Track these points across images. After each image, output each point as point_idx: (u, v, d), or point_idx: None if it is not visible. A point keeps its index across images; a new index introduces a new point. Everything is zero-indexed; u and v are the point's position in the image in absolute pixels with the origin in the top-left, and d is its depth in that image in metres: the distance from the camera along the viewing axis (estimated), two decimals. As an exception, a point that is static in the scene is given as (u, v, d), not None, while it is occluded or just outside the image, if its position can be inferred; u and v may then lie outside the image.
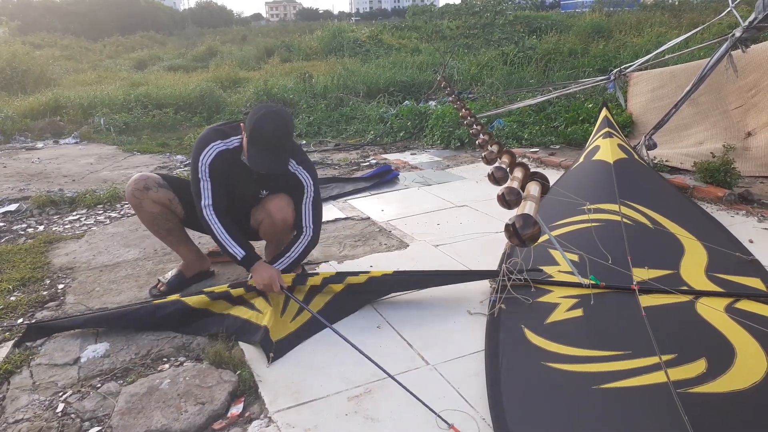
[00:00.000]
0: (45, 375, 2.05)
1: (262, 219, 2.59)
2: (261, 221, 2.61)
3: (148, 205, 2.56)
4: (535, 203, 1.88)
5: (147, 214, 2.60)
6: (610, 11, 16.05)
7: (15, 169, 5.57)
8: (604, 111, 4.27)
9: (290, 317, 2.34)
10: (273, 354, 2.08)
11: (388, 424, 1.71)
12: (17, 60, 11.21)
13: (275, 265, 2.45)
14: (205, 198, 2.40)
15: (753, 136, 4.37)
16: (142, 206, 2.57)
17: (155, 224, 2.64)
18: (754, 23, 3.98)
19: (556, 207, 3.04)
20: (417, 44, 14.29)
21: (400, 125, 6.82)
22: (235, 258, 2.40)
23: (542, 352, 1.96)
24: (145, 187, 2.55)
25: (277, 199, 2.55)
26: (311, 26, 25.21)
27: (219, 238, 2.40)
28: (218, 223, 2.39)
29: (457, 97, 5.81)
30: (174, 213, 2.63)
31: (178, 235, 2.72)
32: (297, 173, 2.52)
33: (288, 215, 2.53)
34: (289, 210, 2.54)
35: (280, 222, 2.54)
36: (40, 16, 30.23)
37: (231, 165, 2.45)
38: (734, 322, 2.04)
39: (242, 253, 2.39)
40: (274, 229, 2.58)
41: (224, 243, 2.39)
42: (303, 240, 2.52)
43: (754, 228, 3.17)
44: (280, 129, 2.28)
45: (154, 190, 2.56)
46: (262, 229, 2.65)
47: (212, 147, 2.42)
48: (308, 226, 2.54)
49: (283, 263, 2.47)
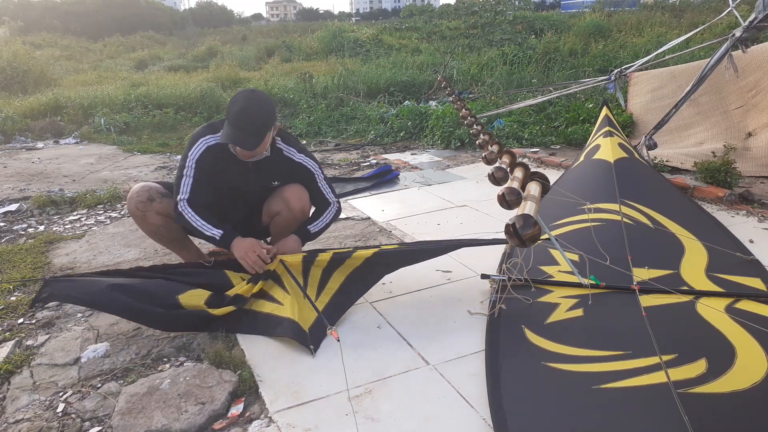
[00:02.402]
0: (45, 375, 2.05)
1: (278, 210, 2.59)
2: (278, 212, 2.60)
3: (152, 217, 2.53)
4: (535, 203, 1.88)
5: (150, 226, 2.57)
6: (611, 11, 16.05)
7: (15, 169, 5.57)
8: (604, 110, 4.27)
9: (314, 296, 2.32)
10: (312, 345, 2.08)
11: (388, 424, 1.71)
12: (18, 60, 11.21)
13: (310, 226, 2.55)
14: (183, 192, 2.40)
15: (753, 137, 4.37)
16: (146, 218, 2.53)
17: (158, 234, 2.63)
18: (754, 23, 3.97)
19: (557, 207, 3.04)
20: (417, 44, 14.30)
21: (401, 125, 6.82)
22: (213, 239, 2.40)
23: (542, 352, 1.96)
24: (149, 198, 2.50)
25: (293, 188, 2.57)
26: (311, 26, 25.24)
27: (195, 225, 2.39)
28: (191, 213, 2.39)
29: (457, 97, 5.80)
30: None
31: (180, 242, 2.72)
32: (303, 162, 2.58)
33: (306, 204, 2.58)
34: (307, 199, 2.58)
35: (299, 211, 2.56)
36: (40, 16, 30.25)
37: (222, 159, 2.44)
38: (734, 322, 2.03)
39: (220, 232, 2.39)
40: (292, 217, 2.58)
41: (201, 228, 2.39)
42: (331, 209, 2.63)
43: (755, 228, 3.17)
44: (251, 107, 2.31)
45: (158, 200, 2.52)
46: (277, 221, 2.63)
47: (201, 142, 2.43)
48: (332, 200, 2.65)
49: (317, 225, 2.56)
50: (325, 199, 2.64)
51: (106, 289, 2.18)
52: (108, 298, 2.18)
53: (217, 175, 2.48)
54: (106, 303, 2.21)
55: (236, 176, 2.50)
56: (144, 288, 2.25)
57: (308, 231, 2.57)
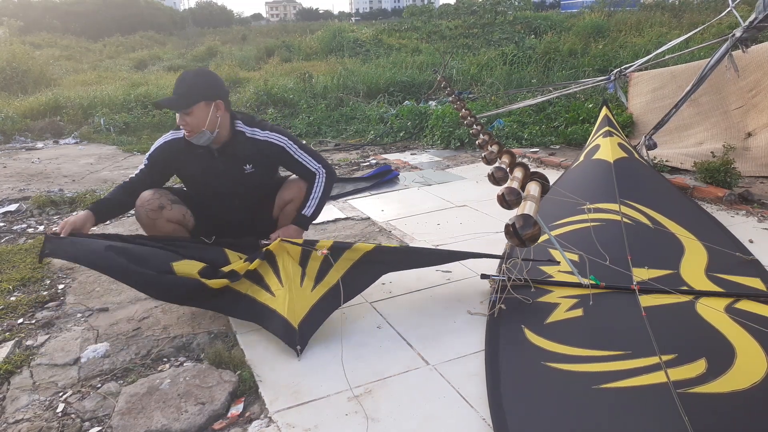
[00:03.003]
0: (45, 375, 2.05)
1: (292, 197, 2.61)
2: (291, 200, 2.62)
3: (162, 224, 2.47)
4: (535, 203, 1.88)
5: (159, 233, 2.50)
6: (611, 11, 16.05)
7: (15, 169, 5.57)
8: (604, 110, 4.27)
9: (310, 287, 2.26)
10: (300, 345, 2.05)
11: (388, 424, 1.71)
12: (17, 60, 11.22)
13: (304, 211, 2.53)
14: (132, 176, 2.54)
15: (753, 137, 4.37)
16: (156, 226, 2.47)
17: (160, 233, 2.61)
18: (754, 23, 3.98)
19: (556, 207, 3.04)
20: (417, 44, 14.29)
21: (400, 125, 6.82)
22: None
23: (542, 352, 1.96)
24: (159, 206, 2.44)
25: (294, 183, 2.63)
26: (311, 26, 25.22)
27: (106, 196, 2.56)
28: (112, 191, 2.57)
29: (456, 97, 5.80)
30: (186, 228, 2.57)
31: None
32: (268, 139, 2.53)
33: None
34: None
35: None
36: (40, 16, 30.24)
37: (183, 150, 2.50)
38: (734, 322, 2.03)
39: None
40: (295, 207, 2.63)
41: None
42: (319, 180, 2.58)
43: (754, 228, 3.17)
44: (187, 75, 2.42)
45: (169, 208, 2.47)
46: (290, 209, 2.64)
47: (162, 138, 2.56)
48: (316, 167, 2.59)
49: (310, 205, 2.54)
50: (308, 169, 2.57)
51: (102, 249, 2.18)
52: (102, 258, 2.17)
53: (182, 167, 2.53)
54: (100, 263, 2.19)
55: (201, 165, 2.50)
56: (139, 252, 2.25)
57: (303, 216, 2.56)
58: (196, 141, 2.42)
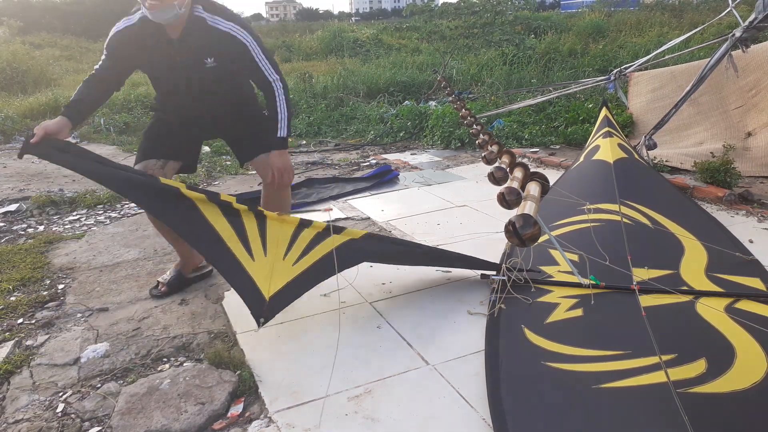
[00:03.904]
0: (45, 375, 2.05)
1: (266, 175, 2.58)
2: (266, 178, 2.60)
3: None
4: (535, 203, 1.88)
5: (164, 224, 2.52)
6: (611, 11, 16.06)
7: (15, 169, 5.57)
8: (604, 110, 4.27)
9: (293, 260, 2.19)
10: (264, 318, 2.01)
11: (388, 424, 1.71)
12: (17, 60, 11.21)
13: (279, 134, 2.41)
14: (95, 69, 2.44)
15: (753, 136, 4.37)
16: None
17: (170, 234, 2.61)
18: (754, 23, 3.98)
19: (556, 207, 3.04)
20: (417, 44, 14.30)
21: (400, 125, 6.82)
22: None
23: (542, 352, 1.96)
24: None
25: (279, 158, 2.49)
26: (311, 26, 25.19)
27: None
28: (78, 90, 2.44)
29: (456, 97, 5.80)
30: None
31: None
32: (231, 31, 2.31)
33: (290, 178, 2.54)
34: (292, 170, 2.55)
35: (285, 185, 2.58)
36: (40, 16, 30.20)
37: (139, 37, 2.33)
38: (734, 322, 2.03)
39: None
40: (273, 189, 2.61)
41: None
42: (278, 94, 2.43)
43: (754, 228, 3.17)
44: None
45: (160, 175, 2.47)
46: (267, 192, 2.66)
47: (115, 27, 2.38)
48: (273, 77, 2.43)
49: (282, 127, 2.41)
50: (265, 77, 2.41)
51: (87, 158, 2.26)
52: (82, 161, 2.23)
53: (139, 60, 2.42)
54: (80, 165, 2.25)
55: (158, 56, 2.37)
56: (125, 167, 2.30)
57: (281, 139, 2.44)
58: (161, 16, 2.19)
